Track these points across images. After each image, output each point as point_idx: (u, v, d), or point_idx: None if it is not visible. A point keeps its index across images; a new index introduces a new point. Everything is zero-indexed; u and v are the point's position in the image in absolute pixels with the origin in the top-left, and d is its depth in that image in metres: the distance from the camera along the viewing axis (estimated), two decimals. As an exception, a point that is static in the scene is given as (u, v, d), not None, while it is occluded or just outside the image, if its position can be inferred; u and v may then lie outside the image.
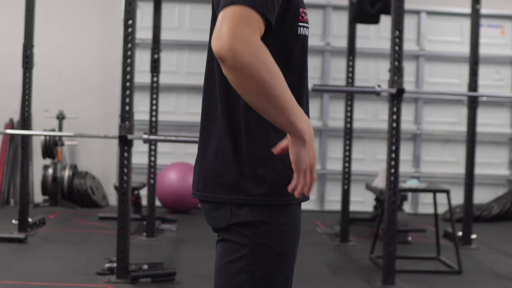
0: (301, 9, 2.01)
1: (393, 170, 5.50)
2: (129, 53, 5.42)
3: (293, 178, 1.87)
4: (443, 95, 9.84)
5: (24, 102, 7.02)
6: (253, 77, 1.74)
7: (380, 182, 8.06)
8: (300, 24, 2.00)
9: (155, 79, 7.40)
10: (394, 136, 5.49)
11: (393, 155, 5.49)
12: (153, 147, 7.24)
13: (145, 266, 5.50)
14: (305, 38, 2.03)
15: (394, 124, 5.49)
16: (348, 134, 7.55)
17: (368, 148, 10.00)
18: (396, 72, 5.47)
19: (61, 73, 9.74)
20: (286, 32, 1.98)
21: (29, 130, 7.00)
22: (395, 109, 5.50)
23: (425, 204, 9.97)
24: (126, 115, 5.41)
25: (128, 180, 5.37)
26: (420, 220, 9.03)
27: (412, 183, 6.52)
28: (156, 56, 7.49)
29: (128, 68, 5.42)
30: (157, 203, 8.41)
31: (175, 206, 9.02)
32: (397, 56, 5.49)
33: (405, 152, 9.59)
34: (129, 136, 5.36)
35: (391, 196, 5.49)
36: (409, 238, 7.55)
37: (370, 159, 9.98)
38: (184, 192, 8.79)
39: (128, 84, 5.43)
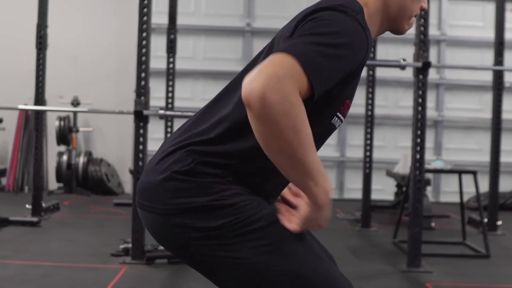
0: (347, 101, 1.84)
1: (418, 148, 5.28)
2: (144, 26, 5.23)
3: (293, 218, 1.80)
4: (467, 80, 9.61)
5: (38, 84, 6.85)
6: (278, 135, 1.60)
7: (401, 168, 7.86)
8: (338, 114, 1.84)
9: (171, 59, 7.22)
10: (419, 113, 5.28)
11: (419, 132, 5.28)
12: (169, 123, 7.06)
13: (161, 247, 5.32)
14: (332, 127, 1.87)
15: (420, 100, 5.27)
16: (369, 122, 7.35)
17: (389, 135, 9.77)
18: (422, 45, 5.26)
19: (76, 59, 9.58)
20: (320, 109, 1.80)
21: (43, 106, 6.77)
22: (420, 84, 5.28)
23: (447, 193, 9.74)
24: (142, 90, 5.23)
25: (143, 158, 5.19)
26: (442, 209, 8.79)
27: (437, 164, 6.30)
28: (172, 36, 7.31)
29: (144, 42, 5.24)
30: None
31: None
32: (422, 29, 5.27)
33: (427, 139, 9.32)
34: (145, 112, 5.18)
35: (417, 175, 5.27)
36: (433, 224, 7.33)
37: (390, 147, 9.76)
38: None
39: (143, 58, 5.24)
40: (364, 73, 7.73)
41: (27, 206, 7.18)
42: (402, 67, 5.23)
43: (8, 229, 6.36)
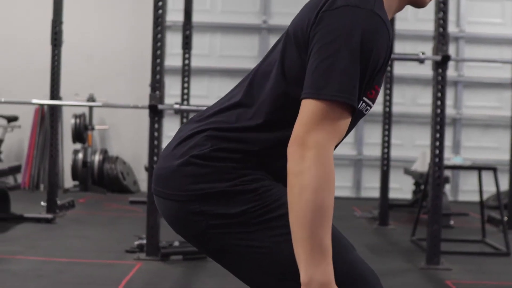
0: (376, 86, 1.76)
1: (438, 143, 5.19)
2: (159, 19, 5.18)
3: None
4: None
5: (53, 80, 6.81)
6: (304, 198, 1.57)
7: (419, 166, 7.75)
8: (366, 99, 1.75)
9: (186, 55, 7.16)
10: (439, 107, 5.18)
11: (438, 127, 5.19)
12: (185, 120, 7.01)
13: (176, 243, 5.26)
14: (360, 113, 1.77)
15: (439, 94, 5.18)
16: (387, 119, 7.27)
17: (406, 133, 9.67)
18: (441, 39, 5.17)
19: (91, 57, 9.55)
20: None
21: (58, 101, 6.72)
22: (439, 78, 5.19)
23: (465, 192, 9.62)
24: (157, 84, 5.18)
25: (158, 152, 5.14)
26: (461, 207, 8.67)
27: (456, 161, 6.20)
28: (187, 32, 7.25)
29: (159, 35, 5.19)
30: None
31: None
32: (441, 22, 5.18)
33: (445, 137, 9.22)
34: (160, 106, 5.12)
35: (436, 171, 5.18)
36: (451, 223, 7.23)
37: (408, 145, 9.65)
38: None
39: (158, 52, 5.19)
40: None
41: (42, 203, 7.14)
42: (421, 61, 5.15)
43: (23, 226, 6.33)
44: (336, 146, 1.68)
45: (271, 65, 1.81)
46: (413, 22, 9.55)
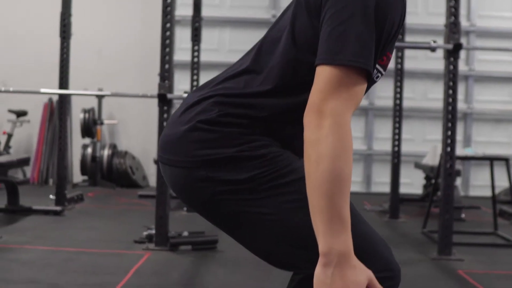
0: (388, 53, 1.71)
1: (449, 132, 5.13)
2: (168, 8, 5.15)
3: None
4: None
5: (62, 72, 6.77)
6: (321, 167, 1.51)
7: (430, 160, 7.69)
8: (378, 67, 1.69)
9: (196, 47, 7.11)
10: (450, 96, 5.13)
11: (450, 116, 5.13)
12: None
13: (185, 233, 5.22)
14: (371, 81, 1.69)
15: (451, 83, 5.12)
16: (398, 113, 7.22)
17: (417, 128, 9.60)
18: (453, 27, 5.11)
19: (100, 52, 9.53)
20: None
21: (66, 90, 6.69)
22: (451, 67, 5.13)
23: (476, 187, 9.56)
24: (166, 74, 5.14)
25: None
26: (472, 202, 8.59)
27: (468, 151, 6.14)
28: (197, 24, 7.20)
29: (168, 25, 5.16)
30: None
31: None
32: (453, 10, 5.12)
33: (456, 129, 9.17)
34: (169, 95, 5.08)
35: (448, 160, 5.12)
36: (463, 216, 7.17)
37: (418, 140, 9.59)
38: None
39: (167, 41, 5.16)
40: (392, 64, 7.59)
41: (51, 196, 7.13)
42: (433, 49, 5.09)
43: (31, 217, 6.30)
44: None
45: (281, 32, 1.77)
46: (423, 16, 9.48)
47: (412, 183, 9.34)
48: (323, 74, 1.56)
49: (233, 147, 1.69)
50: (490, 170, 6.23)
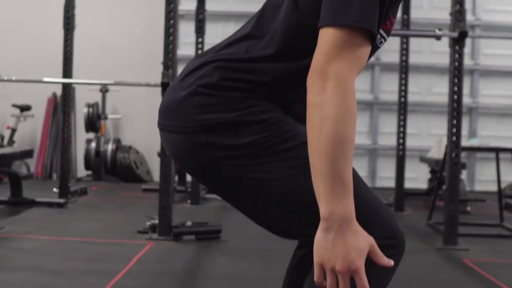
0: (391, 17, 1.68)
1: (455, 121, 5.09)
2: (171, -3, 5.11)
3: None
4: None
5: (66, 65, 6.75)
6: (325, 130, 1.46)
7: (435, 153, 7.65)
8: (381, 32, 1.66)
9: (200, 39, 7.08)
10: (456, 85, 5.08)
11: (455, 105, 5.09)
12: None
13: (189, 223, 5.19)
14: (375, 47, 1.67)
15: (456, 72, 5.08)
16: (403, 108, 7.19)
17: (421, 122, 9.55)
18: (458, 15, 5.06)
19: (105, 46, 9.50)
20: None
21: (70, 79, 6.65)
22: (456, 56, 5.09)
23: (481, 182, 9.50)
24: (169, 63, 5.11)
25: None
26: (477, 197, 8.54)
27: (474, 142, 6.10)
28: (201, 16, 7.16)
29: (171, 13, 5.12)
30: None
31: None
32: (458, -2, 5.08)
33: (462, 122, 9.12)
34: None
35: (453, 149, 5.08)
36: (468, 208, 7.12)
37: (423, 134, 9.54)
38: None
39: (171, 30, 5.12)
40: (396, 58, 7.54)
41: (54, 189, 7.11)
42: (438, 37, 5.04)
43: (34, 209, 6.27)
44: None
45: None
46: (428, 10, 9.45)
47: (417, 177, 9.30)
48: (327, 36, 1.53)
49: (234, 111, 1.65)
50: (495, 162, 6.19)
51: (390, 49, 9.28)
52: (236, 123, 1.65)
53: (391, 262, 1.53)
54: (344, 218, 1.48)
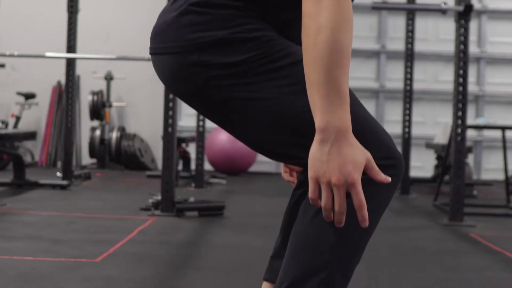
0: None
1: (460, 97, 5.04)
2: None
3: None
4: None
5: (70, 41, 6.71)
6: (320, 39, 1.42)
7: (441, 138, 7.59)
8: None
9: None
10: (461, 59, 5.03)
11: (461, 80, 5.03)
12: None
13: (192, 199, 5.15)
14: None
15: (462, 47, 5.02)
16: (408, 96, 7.15)
17: (427, 110, 9.49)
18: (464, -11, 5.01)
19: (109, 35, 9.47)
20: None
21: (74, 55, 6.61)
22: (462, 30, 5.03)
23: (488, 170, 9.44)
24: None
25: (174, 122, 5.04)
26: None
27: (480, 121, 6.03)
28: None
29: None
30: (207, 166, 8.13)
31: (225, 168, 8.64)
32: (464, -28, 5.03)
33: (467, 115, 9.06)
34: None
35: (459, 125, 5.03)
36: (475, 193, 7.06)
37: (429, 122, 9.48)
38: (235, 153, 8.45)
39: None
40: (402, 46, 7.49)
41: (58, 174, 7.07)
42: (443, 11, 4.98)
43: (37, 191, 6.23)
44: None
45: None
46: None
47: (423, 166, 9.24)
48: None
49: (226, 29, 1.60)
50: (502, 143, 6.12)
51: (395, 37, 9.24)
52: (227, 40, 1.60)
53: (388, 179, 1.48)
54: (340, 130, 1.43)
